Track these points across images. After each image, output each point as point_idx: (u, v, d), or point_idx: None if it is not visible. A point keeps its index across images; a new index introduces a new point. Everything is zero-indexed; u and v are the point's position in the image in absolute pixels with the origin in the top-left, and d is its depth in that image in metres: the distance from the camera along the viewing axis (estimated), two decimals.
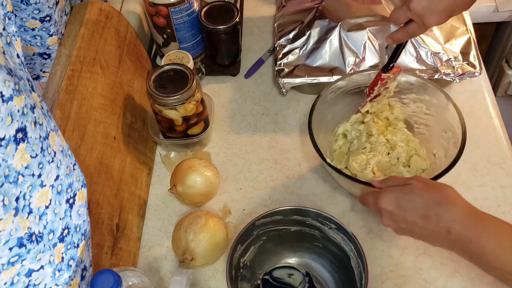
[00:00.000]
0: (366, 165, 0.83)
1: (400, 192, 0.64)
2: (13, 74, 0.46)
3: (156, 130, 0.92)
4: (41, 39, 0.79)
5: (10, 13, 0.53)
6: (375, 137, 0.85)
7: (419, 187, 0.62)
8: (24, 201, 0.49)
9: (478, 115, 0.93)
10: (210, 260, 0.78)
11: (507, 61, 1.26)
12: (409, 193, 0.63)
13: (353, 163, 0.83)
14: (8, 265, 0.48)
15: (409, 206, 0.62)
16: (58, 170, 0.54)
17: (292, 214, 0.73)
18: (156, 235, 0.84)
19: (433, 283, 0.75)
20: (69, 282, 0.58)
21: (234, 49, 1.03)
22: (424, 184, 0.63)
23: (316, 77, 0.93)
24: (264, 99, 1.00)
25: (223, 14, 0.98)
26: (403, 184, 0.65)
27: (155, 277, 0.79)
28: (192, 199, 0.83)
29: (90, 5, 0.86)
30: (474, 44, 0.92)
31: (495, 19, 1.16)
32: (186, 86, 0.82)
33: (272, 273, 0.74)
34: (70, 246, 0.58)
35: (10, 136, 0.45)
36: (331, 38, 0.94)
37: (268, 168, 0.90)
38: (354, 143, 0.86)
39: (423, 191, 0.62)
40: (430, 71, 0.90)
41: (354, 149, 0.85)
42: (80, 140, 0.72)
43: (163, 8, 0.93)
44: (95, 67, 0.81)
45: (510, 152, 0.88)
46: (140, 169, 0.87)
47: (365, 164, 0.83)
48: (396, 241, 0.80)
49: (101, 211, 0.73)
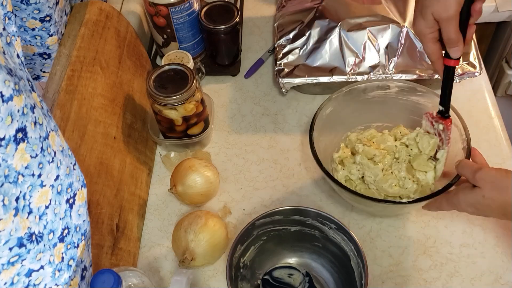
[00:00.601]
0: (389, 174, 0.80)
1: (473, 199, 0.66)
2: (13, 74, 0.46)
3: (156, 130, 0.92)
4: (41, 39, 0.79)
5: (10, 13, 0.53)
6: (378, 156, 0.81)
7: (488, 189, 0.65)
8: (24, 201, 0.49)
9: (478, 115, 0.93)
10: (210, 260, 0.78)
11: (507, 61, 1.26)
12: (483, 199, 0.65)
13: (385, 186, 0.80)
14: (8, 265, 0.48)
15: (486, 209, 0.66)
16: (58, 170, 0.54)
17: (292, 214, 0.73)
18: (156, 235, 0.84)
19: (433, 283, 0.75)
20: (69, 282, 0.58)
21: (234, 49, 1.03)
22: (493, 186, 0.65)
23: (316, 77, 0.93)
24: (264, 99, 1.00)
25: (223, 14, 0.98)
26: (472, 184, 0.67)
27: (155, 277, 0.79)
28: (192, 199, 0.83)
29: (90, 5, 0.86)
30: (474, 44, 0.92)
31: (495, 19, 1.16)
32: (186, 86, 0.82)
33: (272, 273, 0.73)
34: (70, 246, 0.58)
35: (10, 136, 0.45)
36: (331, 38, 0.94)
37: (268, 168, 0.90)
38: (367, 177, 0.82)
39: (492, 195, 0.65)
40: (429, 71, 0.90)
41: (372, 179, 0.81)
42: (80, 140, 0.72)
43: (163, 8, 0.93)
44: (95, 67, 0.81)
45: (510, 152, 0.88)
46: (140, 169, 0.87)
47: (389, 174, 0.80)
48: (396, 241, 0.80)
49: (101, 211, 0.73)
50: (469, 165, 0.68)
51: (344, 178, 0.82)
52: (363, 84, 0.84)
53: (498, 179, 0.64)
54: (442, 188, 0.71)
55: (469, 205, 0.67)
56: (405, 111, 0.85)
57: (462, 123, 0.77)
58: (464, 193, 0.67)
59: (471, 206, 0.67)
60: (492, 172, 0.65)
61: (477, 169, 0.66)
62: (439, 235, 0.80)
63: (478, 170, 0.66)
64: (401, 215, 0.83)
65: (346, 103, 0.84)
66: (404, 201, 0.73)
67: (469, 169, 0.67)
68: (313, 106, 0.97)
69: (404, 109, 0.85)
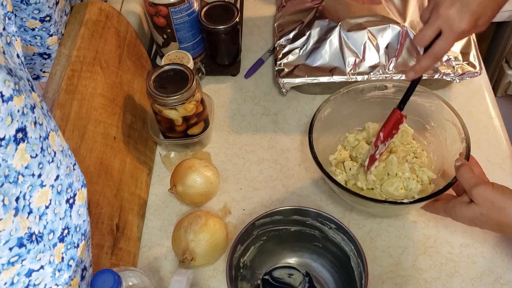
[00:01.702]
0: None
1: (470, 215, 0.67)
2: (13, 74, 0.46)
3: (156, 130, 0.92)
4: (41, 39, 0.79)
5: (10, 13, 0.53)
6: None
7: (486, 208, 0.65)
8: (24, 201, 0.49)
9: (478, 115, 0.93)
10: (210, 260, 0.78)
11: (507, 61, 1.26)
12: (480, 216, 0.66)
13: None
14: (8, 265, 0.48)
15: (483, 224, 0.67)
16: (58, 170, 0.54)
17: (292, 214, 0.73)
18: (156, 235, 0.84)
19: (433, 283, 0.75)
20: (69, 282, 0.58)
21: (234, 49, 1.03)
22: (491, 206, 0.65)
23: (316, 77, 0.93)
24: (264, 99, 1.00)
25: (223, 14, 0.98)
26: (469, 199, 0.67)
27: (155, 277, 0.79)
28: (192, 199, 0.83)
29: (90, 5, 0.86)
30: (474, 44, 0.93)
31: (495, 19, 1.16)
32: (186, 86, 0.82)
33: (272, 273, 0.73)
34: (70, 246, 0.58)
35: (10, 136, 0.45)
36: (331, 38, 0.94)
37: (268, 168, 0.90)
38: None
39: (490, 214, 0.65)
40: (430, 71, 0.90)
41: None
42: (80, 140, 0.72)
43: (163, 8, 0.93)
44: (95, 67, 0.81)
45: (510, 152, 0.88)
46: (140, 169, 0.87)
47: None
48: (396, 241, 0.80)
49: (101, 211, 0.73)
50: (468, 177, 0.67)
51: (344, 180, 0.82)
52: (361, 85, 0.84)
53: (495, 199, 0.64)
54: (442, 188, 0.71)
55: (466, 219, 0.68)
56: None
57: (461, 122, 0.77)
58: (461, 208, 0.67)
59: (468, 221, 0.68)
60: (489, 190, 0.65)
61: (475, 184, 0.66)
62: (439, 235, 0.80)
63: (476, 186, 0.65)
64: (401, 215, 0.83)
65: (344, 104, 0.84)
66: (405, 202, 0.73)
67: (467, 182, 0.67)
68: (313, 106, 0.97)
69: None
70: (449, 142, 0.79)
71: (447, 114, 0.79)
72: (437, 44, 0.68)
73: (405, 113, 0.76)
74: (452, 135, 0.78)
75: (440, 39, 0.68)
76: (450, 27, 0.66)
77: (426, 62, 0.70)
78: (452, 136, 0.78)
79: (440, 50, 0.68)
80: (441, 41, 0.67)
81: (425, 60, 0.70)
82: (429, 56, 0.69)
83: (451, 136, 0.79)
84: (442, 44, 0.68)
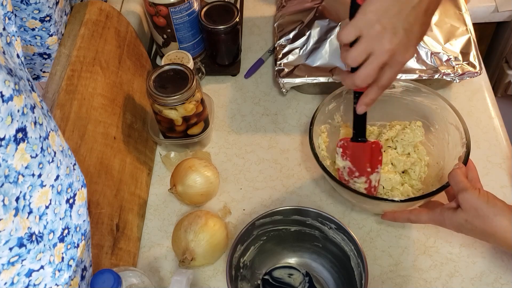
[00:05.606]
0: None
1: (456, 222, 0.66)
2: (13, 74, 0.46)
3: (156, 130, 0.92)
4: (41, 39, 0.79)
5: (10, 13, 0.53)
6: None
7: (471, 215, 0.64)
8: (24, 201, 0.49)
9: (478, 115, 0.93)
10: (210, 260, 0.78)
11: (507, 61, 1.26)
12: (465, 223, 0.65)
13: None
14: (8, 265, 0.48)
15: (469, 231, 0.66)
16: (58, 170, 0.54)
17: (292, 214, 0.73)
18: (156, 235, 0.84)
19: (433, 283, 0.75)
20: (69, 282, 0.58)
21: (234, 49, 1.03)
22: (475, 213, 0.64)
23: (316, 77, 0.93)
24: (264, 99, 1.00)
25: (223, 14, 0.98)
26: (456, 204, 0.67)
27: (155, 277, 0.79)
28: (192, 199, 0.83)
29: (90, 5, 0.86)
30: (474, 44, 0.92)
31: (495, 19, 1.16)
32: (186, 86, 0.82)
33: (272, 273, 0.73)
34: (70, 246, 0.58)
35: (10, 136, 0.45)
36: (331, 38, 0.94)
37: (268, 168, 0.90)
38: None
39: (474, 221, 0.64)
40: (430, 71, 0.90)
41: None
42: (80, 140, 0.72)
43: (163, 8, 0.93)
44: (95, 67, 0.81)
45: (510, 152, 0.88)
46: (140, 169, 0.87)
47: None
48: (396, 241, 0.80)
49: (101, 211, 0.73)
50: (458, 180, 0.67)
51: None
52: None
53: (479, 206, 0.63)
54: (436, 190, 0.71)
55: (453, 226, 0.67)
56: (407, 111, 0.85)
57: (464, 127, 0.76)
58: (448, 213, 0.67)
59: (455, 227, 0.67)
60: (475, 196, 0.64)
61: (463, 188, 0.65)
62: (439, 235, 0.80)
63: (464, 191, 0.65)
64: None
65: (348, 101, 0.84)
66: (396, 200, 0.73)
67: (456, 186, 0.66)
68: (313, 106, 0.97)
69: (406, 109, 0.85)
70: (451, 146, 0.79)
71: (451, 117, 0.79)
72: (384, 76, 0.65)
73: (411, 116, 0.74)
74: (454, 139, 0.78)
75: (386, 71, 0.65)
76: (395, 60, 0.63)
77: (375, 94, 0.68)
78: (454, 140, 0.78)
79: (387, 82, 0.66)
80: (388, 73, 0.65)
81: (374, 93, 0.68)
82: (379, 88, 0.67)
83: (453, 140, 0.78)
84: (390, 76, 0.66)
